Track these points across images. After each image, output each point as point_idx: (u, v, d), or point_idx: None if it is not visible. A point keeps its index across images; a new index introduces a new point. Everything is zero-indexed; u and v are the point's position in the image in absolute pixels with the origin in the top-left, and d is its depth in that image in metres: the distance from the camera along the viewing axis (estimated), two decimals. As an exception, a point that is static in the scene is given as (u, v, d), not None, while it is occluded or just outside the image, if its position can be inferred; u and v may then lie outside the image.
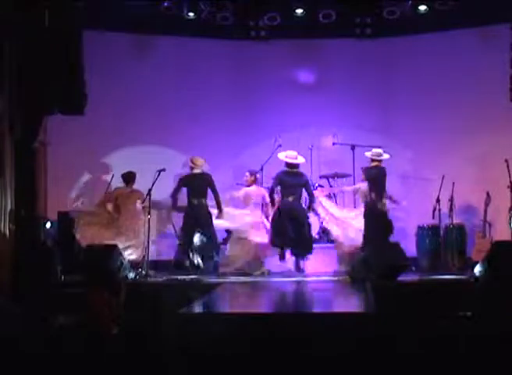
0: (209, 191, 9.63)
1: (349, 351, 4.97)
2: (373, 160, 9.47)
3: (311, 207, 9.62)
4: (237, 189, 10.16)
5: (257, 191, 9.96)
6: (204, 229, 9.46)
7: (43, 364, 4.38)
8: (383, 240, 9.20)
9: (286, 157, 9.51)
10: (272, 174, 9.87)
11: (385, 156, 9.50)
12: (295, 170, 9.51)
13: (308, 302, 7.69)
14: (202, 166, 9.72)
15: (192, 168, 9.70)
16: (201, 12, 10.75)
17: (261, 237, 9.72)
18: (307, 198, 9.65)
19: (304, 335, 5.17)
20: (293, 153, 9.56)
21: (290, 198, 9.41)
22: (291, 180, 9.44)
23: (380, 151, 9.52)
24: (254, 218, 9.84)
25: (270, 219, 9.60)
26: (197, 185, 9.57)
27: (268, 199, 9.76)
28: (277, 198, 9.59)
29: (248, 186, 10.01)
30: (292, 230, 9.30)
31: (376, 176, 9.40)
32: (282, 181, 9.45)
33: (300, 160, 9.60)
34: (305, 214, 9.53)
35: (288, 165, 9.50)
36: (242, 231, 9.79)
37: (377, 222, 9.32)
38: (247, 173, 10.05)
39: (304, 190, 9.56)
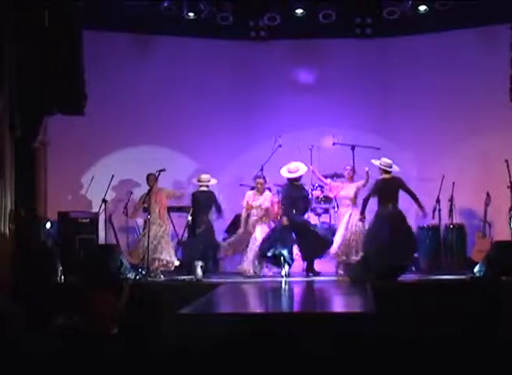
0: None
1: (349, 351, 4.97)
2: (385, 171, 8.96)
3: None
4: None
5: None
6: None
7: (43, 364, 4.38)
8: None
9: (289, 172, 9.47)
10: (272, 174, 9.89)
11: (396, 168, 9.00)
12: (298, 183, 9.53)
13: (308, 302, 7.69)
14: (207, 182, 9.63)
15: (199, 185, 9.67)
16: (201, 12, 10.74)
17: None
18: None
19: (304, 335, 5.17)
20: (295, 165, 9.52)
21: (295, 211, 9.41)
22: (295, 193, 9.44)
23: (390, 161, 8.97)
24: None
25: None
26: (201, 202, 9.56)
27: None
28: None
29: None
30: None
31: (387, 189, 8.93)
32: (290, 196, 9.42)
33: (302, 171, 9.48)
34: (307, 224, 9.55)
35: (291, 179, 9.46)
36: None
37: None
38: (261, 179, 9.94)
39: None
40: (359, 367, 4.87)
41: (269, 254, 9.21)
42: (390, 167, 8.93)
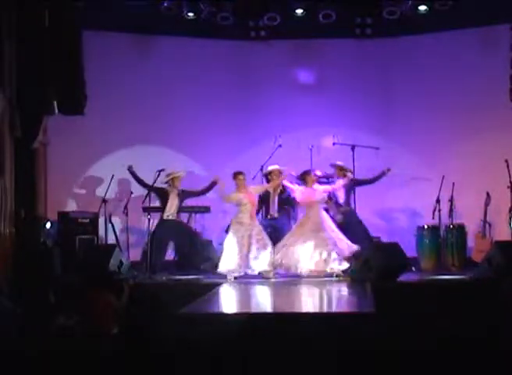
0: None
1: (348, 351, 4.97)
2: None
3: None
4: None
5: None
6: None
7: (43, 364, 4.38)
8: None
9: None
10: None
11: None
12: None
13: (308, 302, 7.69)
14: None
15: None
16: (201, 12, 10.74)
17: None
18: None
19: (304, 335, 5.17)
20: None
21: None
22: None
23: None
24: None
25: None
26: None
27: None
28: None
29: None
30: None
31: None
32: None
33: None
34: None
35: None
36: None
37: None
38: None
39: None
40: (359, 367, 4.87)
41: None
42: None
